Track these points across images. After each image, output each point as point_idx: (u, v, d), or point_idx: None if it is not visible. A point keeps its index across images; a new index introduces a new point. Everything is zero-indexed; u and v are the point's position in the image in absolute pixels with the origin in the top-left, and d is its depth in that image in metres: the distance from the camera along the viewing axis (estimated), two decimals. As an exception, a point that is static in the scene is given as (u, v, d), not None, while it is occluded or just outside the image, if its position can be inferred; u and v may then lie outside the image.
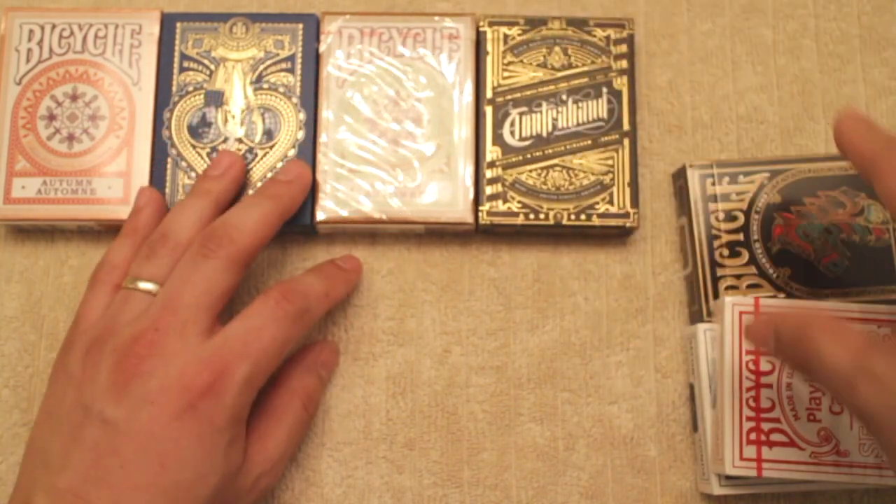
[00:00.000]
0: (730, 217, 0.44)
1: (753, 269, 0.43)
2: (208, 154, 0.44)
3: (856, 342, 0.32)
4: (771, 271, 0.43)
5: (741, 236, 0.43)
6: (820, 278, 0.43)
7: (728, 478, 0.41)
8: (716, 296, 0.43)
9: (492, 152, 0.44)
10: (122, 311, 0.38)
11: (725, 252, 0.43)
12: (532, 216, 0.43)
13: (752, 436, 0.40)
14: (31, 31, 0.45)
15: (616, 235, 0.46)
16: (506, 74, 0.45)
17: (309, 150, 0.44)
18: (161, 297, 0.37)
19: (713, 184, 0.44)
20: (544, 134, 0.44)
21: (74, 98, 0.44)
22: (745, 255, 0.43)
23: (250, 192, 0.43)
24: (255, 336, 0.37)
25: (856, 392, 0.31)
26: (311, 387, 0.42)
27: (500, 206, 0.43)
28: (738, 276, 0.43)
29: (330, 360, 0.44)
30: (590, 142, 0.44)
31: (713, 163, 0.44)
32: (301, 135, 0.44)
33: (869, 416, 0.31)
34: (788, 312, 0.36)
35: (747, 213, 0.44)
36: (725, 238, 0.43)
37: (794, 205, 0.44)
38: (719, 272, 0.43)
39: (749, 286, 0.43)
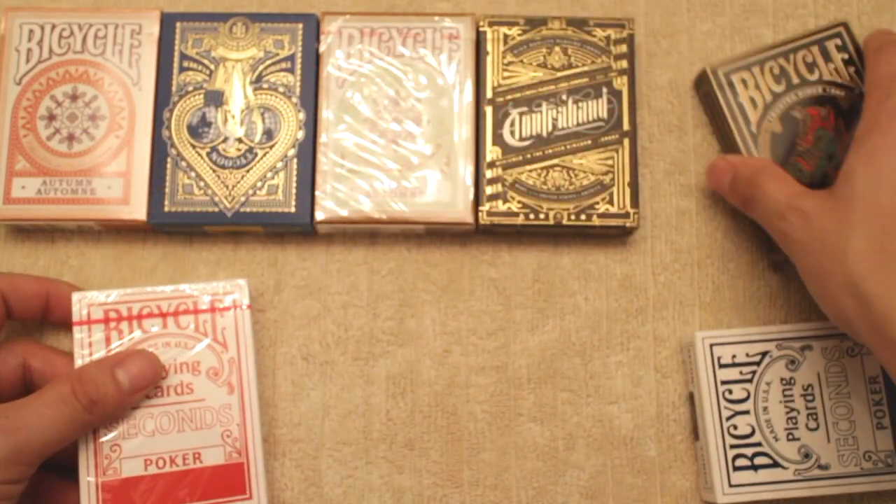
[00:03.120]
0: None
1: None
2: (208, 154, 0.44)
3: (793, 186, 0.40)
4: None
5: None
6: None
7: (731, 485, 0.41)
8: None
9: (492, 152, 0.44)
10: None
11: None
12: (532, 216, 0.43)
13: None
14: (31, 31, 0.45)
15: (616, 235, 0.46)
16: (506, 74, 0.45)
17: (309, 149, 0.44)
18: None
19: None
20: (544, 134, 0.44)
21: (74, 98, 0.44)
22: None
23: None
24: None
25: (785, 221, 0.39)
26: (92, 375, 0.38)
27: (500, 206, 0.43)
28: None
29: (136, 365, 0.39)
30: (590, 142, 0.44)
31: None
32: (301, 135, 0.44)
33: (793, 240, 0.38)
34: (746, 159, 0.43)
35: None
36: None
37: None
38: None
39: None
